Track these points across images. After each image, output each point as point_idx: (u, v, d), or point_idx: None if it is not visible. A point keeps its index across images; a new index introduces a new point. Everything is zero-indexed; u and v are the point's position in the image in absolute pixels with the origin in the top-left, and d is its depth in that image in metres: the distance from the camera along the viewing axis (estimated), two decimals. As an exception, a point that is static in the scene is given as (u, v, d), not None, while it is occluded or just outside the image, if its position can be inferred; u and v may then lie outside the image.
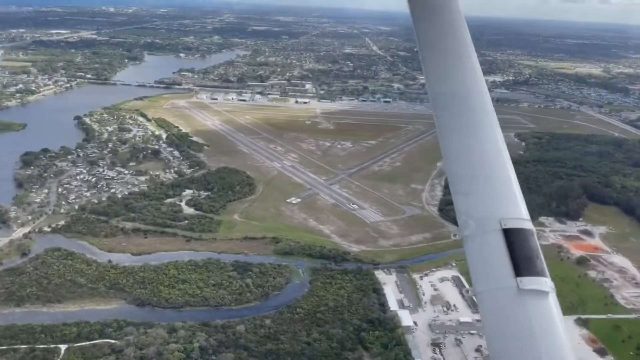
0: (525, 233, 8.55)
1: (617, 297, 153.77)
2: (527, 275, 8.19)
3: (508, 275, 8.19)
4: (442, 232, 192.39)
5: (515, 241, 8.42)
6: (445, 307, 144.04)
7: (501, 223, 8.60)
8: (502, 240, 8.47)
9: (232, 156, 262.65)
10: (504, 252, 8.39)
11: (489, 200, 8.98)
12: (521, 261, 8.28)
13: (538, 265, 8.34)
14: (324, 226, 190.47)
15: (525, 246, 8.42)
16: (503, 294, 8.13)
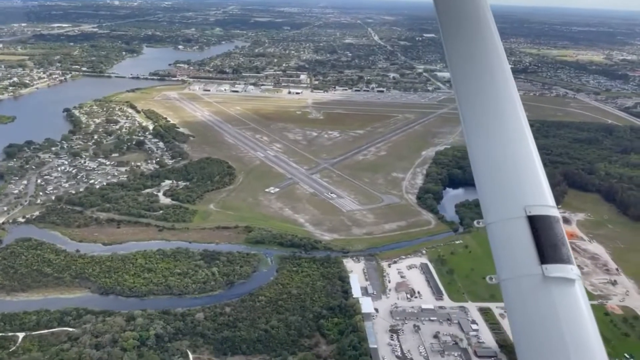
0: (550, 220, 8.43)
1: (585, 283, 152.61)
2: (553, 263, 8.09)
3: (533, 263, 8.08)
4: (417, 220, 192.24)
5: (540, 228, 8.31)
6: (409, 294, 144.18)
7: (526, 210, 8.48)
8: (527, 228, 8.36)
9: (216, 147, 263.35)
10: (528, 239, 8.27)
11: (513, 187, 8.86)
12: (546, 248, 8.18)
13: (564, 252, 8.26)
14: (299, 215, 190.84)
15: (551, 233, 8.31)
16: (528, 281, 8.03)
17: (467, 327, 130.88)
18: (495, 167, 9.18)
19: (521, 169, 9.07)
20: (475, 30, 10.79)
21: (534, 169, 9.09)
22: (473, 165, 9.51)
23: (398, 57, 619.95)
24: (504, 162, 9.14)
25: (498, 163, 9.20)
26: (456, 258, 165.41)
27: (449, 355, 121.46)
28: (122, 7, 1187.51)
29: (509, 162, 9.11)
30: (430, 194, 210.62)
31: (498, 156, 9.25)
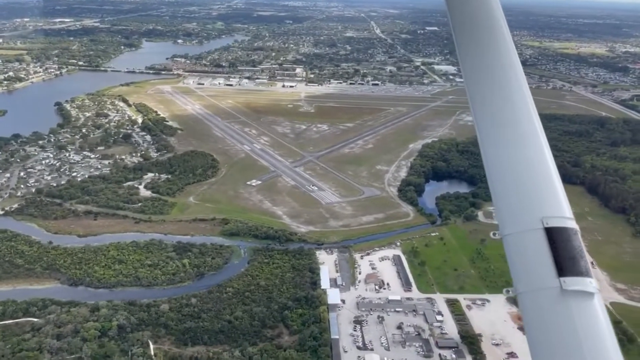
0: (568, 232, 8.27)
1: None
2: (571, 276, 7.88)
3: (551, 276, 7.93)
4: (396, 212, 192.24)
5: (558, 240, 8.16)
6: (377, 286, 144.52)
7: (543, 222, 8.33)
8: (544, 240, 8.23)
9: (203, 140, 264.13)
10: (546, 251, 8.13)
11: (530, 198, 8.73)
12: (564, 261, 8.00)
13: (582, 265, 8.03)
14: (278, 207, 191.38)
15: (569, 245, 8.14)
16: (546, 294, 7.87)
17: (431, 318, 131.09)
18: (511, 177, 9.15)
19: (538, 179, 8.96)
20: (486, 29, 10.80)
21: (551, 180, 8.95)
22: (488, 176, 9.54)
23: (397, 50, 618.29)
24: (520, 173, 9.07)
25: (514, 174, 9.14)
26: (430, 250, 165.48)
27: (411, 345, 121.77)
28: (125, 2, 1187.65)
29: (525, 173, 9.03)
30: (412, 187, 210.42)
31: (514, 166, 9.19)
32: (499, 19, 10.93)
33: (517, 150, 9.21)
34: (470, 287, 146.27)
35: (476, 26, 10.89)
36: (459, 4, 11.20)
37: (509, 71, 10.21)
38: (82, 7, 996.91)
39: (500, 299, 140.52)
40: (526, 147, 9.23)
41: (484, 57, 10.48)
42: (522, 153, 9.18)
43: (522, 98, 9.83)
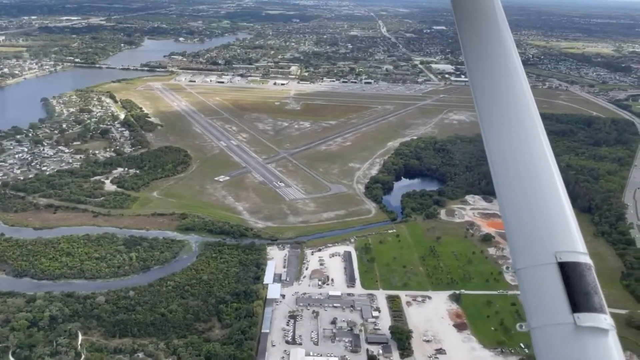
0: (582, 267, 8.21)
1: (506, 274, 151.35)
2: (585, 312, 7.74)
3: (564, 311, 7.77)
4: (358, 209, 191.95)
5: (571, 275, 8.08)
6: (321, 281, 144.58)
7: (556, 256, 8.26)
8: (557, 275, 8.13)
9: (181, 136, 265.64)
10: (559, 286, 8.02)
11: (543, 232, 8.63)
12: (578, 296, 7.89)
13: (596, 301, 7.89)
14: (240, 203, 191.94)
15: (583, 281, 8.05)
16: (559, 330, 7.70)
17: (367, 314, 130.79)
18: (525, 211, 8.96)
19: (551, 213, 8.83)
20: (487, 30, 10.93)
21: (564, 214, 8.82)
22: (501, 209, 9.26)
23: (399, 49, 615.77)
24: (533, 207, 8.93)
25: (527, 208, 8.97)
26: (383, 247, 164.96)
27: (340, 340, 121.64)
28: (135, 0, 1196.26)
29: (538, 207, 8.89)
30: (379, 184, 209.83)
31: (527, 201, 9.03)
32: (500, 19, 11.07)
33: (530, 184, 9.17)
34: (415, 284, 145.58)
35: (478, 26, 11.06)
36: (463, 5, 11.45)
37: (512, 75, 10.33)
38: (92, 6, 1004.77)
39: (442, 296, 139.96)
40: (539, 182, 9.17)
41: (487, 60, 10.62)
42: (535, 188, 9.12)
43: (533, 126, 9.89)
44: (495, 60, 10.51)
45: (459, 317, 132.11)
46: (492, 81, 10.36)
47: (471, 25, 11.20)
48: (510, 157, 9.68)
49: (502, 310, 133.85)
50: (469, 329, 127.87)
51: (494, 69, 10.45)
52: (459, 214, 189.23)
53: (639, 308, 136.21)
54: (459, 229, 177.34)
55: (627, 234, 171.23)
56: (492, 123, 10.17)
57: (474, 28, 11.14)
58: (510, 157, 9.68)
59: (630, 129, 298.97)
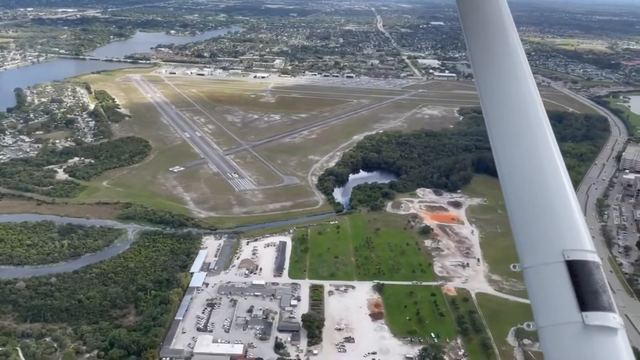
0: (589, 265, 8.17)
1: (436, 265, 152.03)
2: (593, 310, 7.72)
3: (572, 310, 7.73)
4: (306, 201, 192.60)
5: (579, 274, 8.04)
6: (248, 270, 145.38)
7: (564, 255, 8.24)
8: (565, 273, 8.08)
9: (147, 126, 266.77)
10: (567, 285, 7.97)
11: (550, 230, 8.60)
12: (586, 295, 7.86)
13: (605, 299, 7.85)
14: (188, 194, 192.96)
15: (591, 279, 8.02)
16: (567, 329, 7.67)
17: (286, 303, 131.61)
18: (532, 210, 8.89)
19: (558, 211, 8.76)
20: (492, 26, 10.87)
21: (572, 211, 8.76)
22: (508, 208, 9.18)
23: (390, 44, 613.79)
24: (540, 205, 8.85)
25: (534, 206, 8.89)
26: (321, 238, 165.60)
27: (252, 328, 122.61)
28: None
29: (545, 205, 8.82)
30: (332, 177, 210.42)
31: (534, 199, 8.95)
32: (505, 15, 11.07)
33: (536, 183, 9.09)
34: (342, 274, 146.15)
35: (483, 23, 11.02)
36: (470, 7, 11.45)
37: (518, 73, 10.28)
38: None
39: (366, 286, 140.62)
40: (546, 180, 9.08)
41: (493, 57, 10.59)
42: (542, 186, 9.04)
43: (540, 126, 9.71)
44: (501, 58, 10.51)
45: (377, 306, 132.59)
46: (498, 78, 10.32)
47: (476, 22, 11.16)
48: (516, 155, 9.60)
49: (421, 301, 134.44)
50: (385, 318, 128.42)
51: (500, 66, 10.43)
52: (405, 206, 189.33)
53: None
54: (401, 221, 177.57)
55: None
56: (498, 121, 10.08)
57: (479, 25, 11.09)
58: (516, 155, 9.60)
59: (601, 126, 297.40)
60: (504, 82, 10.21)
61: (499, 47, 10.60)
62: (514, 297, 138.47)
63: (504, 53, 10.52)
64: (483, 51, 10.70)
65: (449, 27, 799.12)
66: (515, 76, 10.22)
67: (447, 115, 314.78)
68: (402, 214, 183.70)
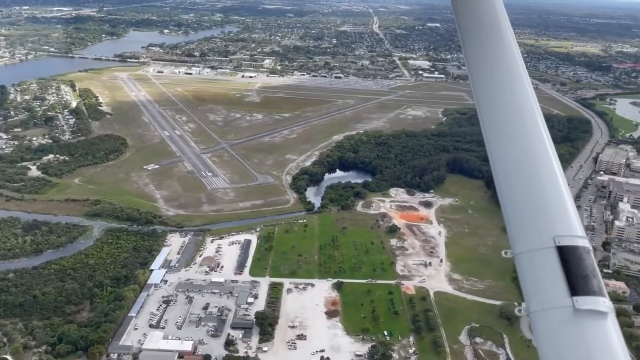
0: (580, 251, 8.26)
1: (398, 264, 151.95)
2: (583, 295, 7.82)
3: (563, 295, 7.85)
4: (277, 199, 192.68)
5: (570, 259, 8.13)
6: (209, 268, 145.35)
7: (555, 240, 8.30)
8: (556, 258, 8.17)
9: (127, 124, 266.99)
10: (558, 270, 8.07)
11: (542, 217, 8.66)
12: (577, 280, 7.95)
13: (595, 284, 7.95)
14: (160, 192, 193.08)
15: (581, 264, 8.11)
16: (558, 314, 7.80)
17: (242, 300, 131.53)
18: (523, 196, 8.96)
19: (549, 198, 8.82)
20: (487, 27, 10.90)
21: (562, 198, 8.82)
22: (500, 195, 9.22)
23: (382, 45, 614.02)
24: (531, 192, 8.91)
25: (525, 193, 8.97)
26: (287, 236, 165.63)
27: (205, 325, 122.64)
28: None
29: (536, 192, 8.88)
30: (307, 176, 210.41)
31: (526, 186, 9.02)
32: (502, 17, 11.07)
33: (528, 170, 9.16)
34: (304, 272, 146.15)
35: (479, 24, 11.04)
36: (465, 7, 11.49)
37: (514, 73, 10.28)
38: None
39: (326, 285, 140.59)
40: (537, 167, 9.17)
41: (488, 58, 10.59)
42: (533, 173, 9.11)
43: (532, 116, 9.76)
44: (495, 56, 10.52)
45: (334, 304, 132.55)
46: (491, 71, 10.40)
47: (471, 23, 11.18)
48: (508, 144, 9.63)
49: (378, 299, 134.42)
50: (340, 316, 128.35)
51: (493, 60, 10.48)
52: (376, 206, 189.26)
53: (515, 300, 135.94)
54: (370, 220, 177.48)
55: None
56: (490, 112, 10.13)
57: (474, 26, 11.11)
58: (508, 144, 9.63)
59: (583, 127, 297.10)
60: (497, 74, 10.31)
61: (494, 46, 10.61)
62: (472, 296, 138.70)
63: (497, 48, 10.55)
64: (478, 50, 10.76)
65: (445, 28, 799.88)
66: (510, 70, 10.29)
67: (431, 116, 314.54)
68: (371, 213, 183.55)
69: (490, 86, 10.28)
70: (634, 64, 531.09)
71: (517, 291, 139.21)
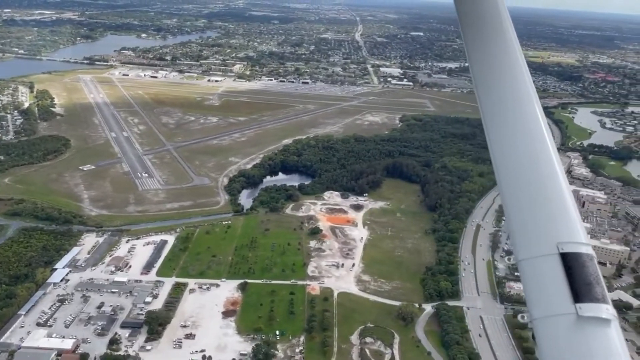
0: (584, 257, 8.25)
1: (311, 265, 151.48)
2: (587, 302, 7.80)
3: (566, 302, 7.83)
4: (207, 201, 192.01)
5: (573, 266, 8.11)
6: (115, 267, 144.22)
7: (558, 247, 8.30)
8: (559, 265, 8.16)
9: (76, 126, 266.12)
10: (561, 277, 8.06)
11: (545, 223, 8.65)
12: (580, 287, 7.94)
13: (598, 291, 7.95)
14: (88, 192, 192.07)
15: (585, 271, 8.10)
16: (561, 321, 7.77)
17: (140, 300, 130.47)
18: (527, 203, 8.93)
19: (553, 204, 8.82)
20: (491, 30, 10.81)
21: (566, 204, 8.81)
22: (503, 201, 9.23)
23: (359, 52, 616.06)
24: (535, 198, 8.90)
25: (529, 199, 8.94)
26: (207, 237, 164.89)
27: (94, 324, 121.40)
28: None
29: (540, 198, 8.87)
30: (244, 178, 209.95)
31: (529, 191, 8.99)
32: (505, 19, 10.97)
33: (531, 174, 9.12)
34: (213, 272, 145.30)
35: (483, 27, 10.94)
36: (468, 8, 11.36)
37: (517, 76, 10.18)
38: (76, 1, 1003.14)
39: (231, 285, 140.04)
40: (541, 173, 9.12)
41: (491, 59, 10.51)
42: (537, 178, 9.07)
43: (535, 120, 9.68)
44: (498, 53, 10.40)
45: (233, 305, 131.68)
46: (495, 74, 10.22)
47: (475, 25, 11.03)
48: (512, 149, 9.45)
49: (280, 300, 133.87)
50: (237, 316, 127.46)
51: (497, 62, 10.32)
52: (306, 208, 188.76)
53: (417, 302, 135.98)
54: (296, 222, 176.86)
55: (455, 232, 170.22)
56: (494, 116, 9.98)
57: (478, 29, 10.97)
58: (512, 149, 9.45)
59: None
60: (501, 78, 10.14)
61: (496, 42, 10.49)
62: (376, 297, 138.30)
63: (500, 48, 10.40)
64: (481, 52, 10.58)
65: (427, 37, 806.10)
66: (513, 72, 10.13)
67: (388, 122, 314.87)
68: (299, 216, 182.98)
69: (494, 91, 10.12)
70: (605, 75, 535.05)
71: (422, 293, 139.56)
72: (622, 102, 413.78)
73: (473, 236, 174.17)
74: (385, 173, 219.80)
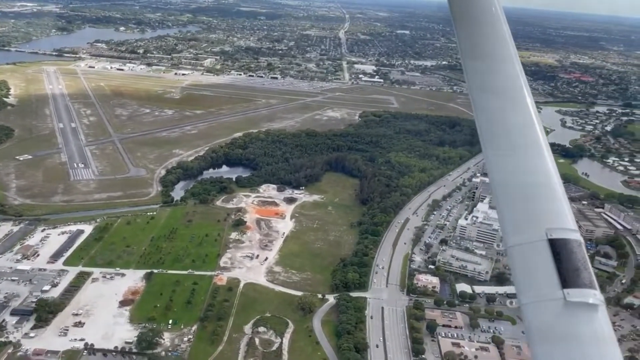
0: (572, 243, 8.27)
1: (225, 256, 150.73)
2: (575, 287, 7.89)
3: (554, 287, 7.91)
4: (137, 192, 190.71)
5: (562, 252, 8.15)
6: (22, 256, 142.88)
7: (547, 233, 8.29)
8: (548, 251, 8.18)
9: (25, 116, 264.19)
10: (550, 263, 8.08)
11: (534, 210, 8.65)
12: (568, 272, 8.00)
13: (586, 276, 8.04)
14: (17, 181, 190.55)
15: (572, 257, 8.14)
16: (549, 306, 7.88)
17: (37, 288, 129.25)
18: (516, 189, 8.85)
19: (542, 191, 8.73)
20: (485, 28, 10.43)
21: (555, 191, 8.71)
22: (493, 188, 9.04)
23: (339, 49, 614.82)
24: (524, 185, 8.80)
25: (518, 185, 8.85)
26: (127, 227, 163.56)
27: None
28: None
29: (529, 185, 8.78)
30: (181, 170, 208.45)
31: (519, 178, 8.89)
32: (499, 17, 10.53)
33: (521, 162, 8.97)
34: (122, 262, 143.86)
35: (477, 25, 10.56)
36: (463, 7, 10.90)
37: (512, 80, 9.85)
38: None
39: (138, 275, 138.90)
40: (530, 159, 8.99)
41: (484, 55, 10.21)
42: (527, 164, 8.93)
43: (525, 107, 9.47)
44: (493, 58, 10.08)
45: (134, 294, 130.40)
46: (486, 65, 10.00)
47: (469, 24, 10.65)
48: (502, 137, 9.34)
49: (182, 290, 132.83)
50: (134, 305, 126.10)
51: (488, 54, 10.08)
52: (237, 200, 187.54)
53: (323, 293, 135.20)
54: (222, 214, 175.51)
55: (380, 225, 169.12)
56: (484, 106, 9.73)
57: (471, 27, 10.60)
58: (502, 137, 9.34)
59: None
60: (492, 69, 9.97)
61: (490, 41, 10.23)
62: (281, 288, 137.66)
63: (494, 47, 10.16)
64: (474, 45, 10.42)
65: (411, 36, 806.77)
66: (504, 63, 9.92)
67: (347, 117, 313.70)
68: (228, 207, 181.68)
69: (486, 83, 9.98)
70: (580, 75, 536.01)
71: (328, 285, 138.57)
72: (590, 101, 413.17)
73: (399, 230, 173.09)
74: (328, 167, 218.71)
